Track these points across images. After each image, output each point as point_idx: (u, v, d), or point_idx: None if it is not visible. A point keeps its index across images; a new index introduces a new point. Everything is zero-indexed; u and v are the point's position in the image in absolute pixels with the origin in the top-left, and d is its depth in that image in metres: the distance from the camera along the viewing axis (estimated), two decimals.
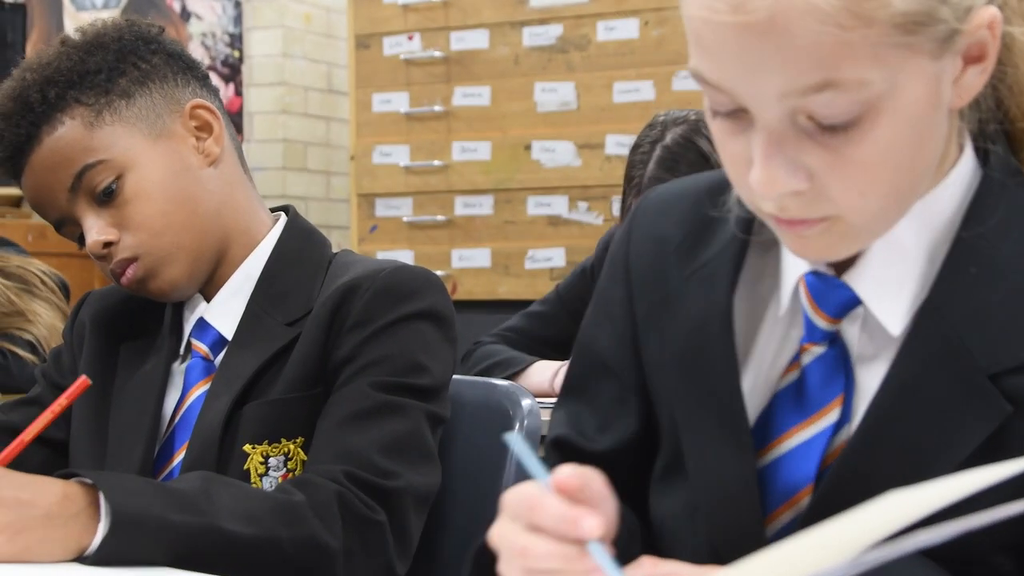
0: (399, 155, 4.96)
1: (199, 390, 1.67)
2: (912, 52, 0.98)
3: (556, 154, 4.67)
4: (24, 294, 3.16)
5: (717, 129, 1.06)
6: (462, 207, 4.86)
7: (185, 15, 6.05)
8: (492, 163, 4.80)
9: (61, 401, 1.48)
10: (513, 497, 0.98)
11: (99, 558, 1.34)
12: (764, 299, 1.19)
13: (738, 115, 1.03)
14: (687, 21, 1.02)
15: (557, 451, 1.29)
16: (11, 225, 4.91)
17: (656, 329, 1.22)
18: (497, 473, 1.70)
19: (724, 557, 1.04)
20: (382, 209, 5.00)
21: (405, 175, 4.95)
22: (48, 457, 1.72)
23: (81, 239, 1.67)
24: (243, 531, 1.42)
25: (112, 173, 1.64)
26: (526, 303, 3.31)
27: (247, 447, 1.59)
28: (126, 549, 1.35)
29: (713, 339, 1.16)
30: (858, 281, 1.10)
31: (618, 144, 4.48)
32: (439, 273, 1.84)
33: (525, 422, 1.72)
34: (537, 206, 4.72)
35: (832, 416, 1.10)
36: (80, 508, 1.37)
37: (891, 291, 1.09)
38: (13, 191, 5.14)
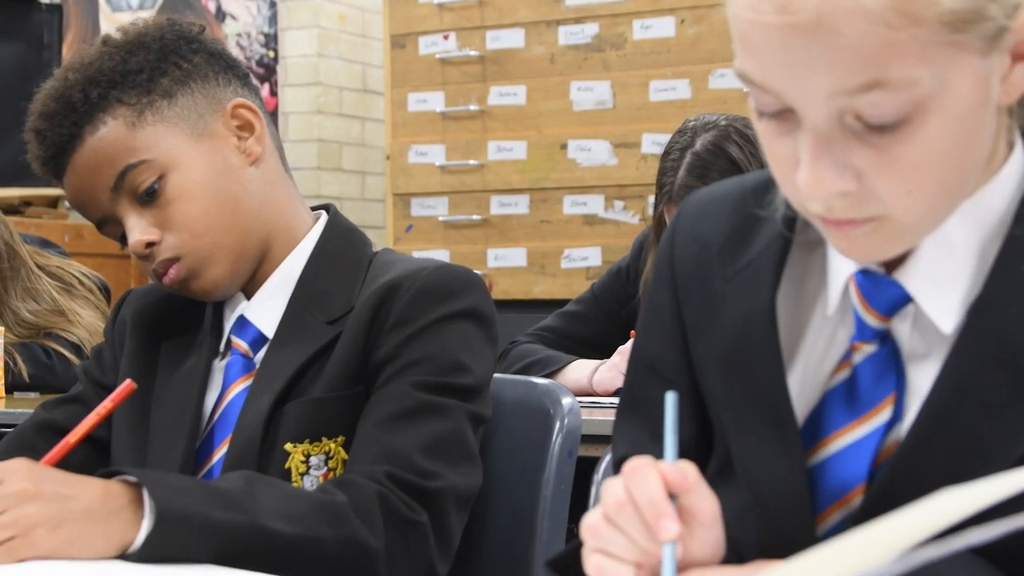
0: (435, 154, 4.96)
1: (238, 387, 1.67)
2: (960, 50, 0.97)
3: (592, 153, 4.67)
4: (64, 293, 3.19)
5: (763, 130, 1.05)
6: (498, 206, 4.86)
7: (220, 15, 6.07)
8: (528, 162, 4.79)
9: (106, 404, 1.49)
10: (633, 461, 1.02)
11: (143, 555, 1.35)
12: (810, 298, 1.18)
13: (784, 116, 1.02)
14: (732, 22, 1.02)
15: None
16: (48, 226, 4.94)
17: (702, 331, 1.21)
18: (537, 471, 1.70)
19: (775, 558, 1.04)
20: (418, 209, 5.01)
21: (441, 174, 4.95)
22: (90, 455, 1.72)
23: (123, 239, 1.68)
24: (286, 530, 1.42)
25: (154, 173, 1.64)
26: (562, 303, 3.30)
27: (288, 446, 1.59)
28: (170, 546, 1.36)
29: (757, 339, 1.15)
30: (908, 278, 1.10)
31: (654, 143, 4.47)
32: None
33: (565, 421, 1.71)
34: (573, 205, 4.71)
35: (884, 415, 1.09)
36: (122, 504, 1.37)
37: (942, 289, 1.09)
38: (50, 192, 5.16)
